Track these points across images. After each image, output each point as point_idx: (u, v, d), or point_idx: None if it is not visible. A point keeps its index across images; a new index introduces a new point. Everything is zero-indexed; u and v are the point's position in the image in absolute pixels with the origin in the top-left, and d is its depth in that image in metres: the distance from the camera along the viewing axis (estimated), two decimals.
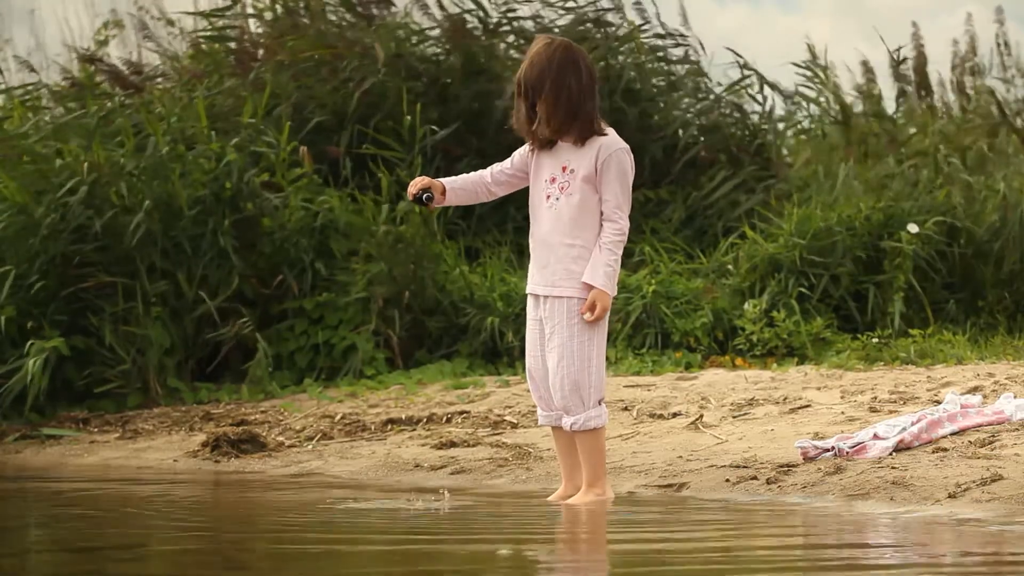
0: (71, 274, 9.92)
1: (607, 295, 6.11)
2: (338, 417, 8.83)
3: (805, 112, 12.68)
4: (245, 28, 12.29)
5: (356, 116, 11.44)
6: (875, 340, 9.95)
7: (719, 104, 12.32)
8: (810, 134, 12.75)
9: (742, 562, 4.75)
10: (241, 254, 10.24)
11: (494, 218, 11.46)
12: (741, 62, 12.29)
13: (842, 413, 7.53)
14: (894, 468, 6.17)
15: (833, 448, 6.54)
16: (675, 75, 12.35)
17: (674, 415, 7.98)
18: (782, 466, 6.50)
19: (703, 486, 6.49)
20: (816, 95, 12.58)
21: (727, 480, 6.47)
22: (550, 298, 6.18)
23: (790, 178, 11.94)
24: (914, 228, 10.51)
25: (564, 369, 6.13)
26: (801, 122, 12.83)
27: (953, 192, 11.18)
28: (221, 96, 11.36)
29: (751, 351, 10.09)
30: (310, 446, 8.34)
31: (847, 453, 6.48)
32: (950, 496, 5.74)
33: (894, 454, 6.43)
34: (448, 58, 11.96)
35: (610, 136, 6.18)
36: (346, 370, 10.08)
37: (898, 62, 12.87)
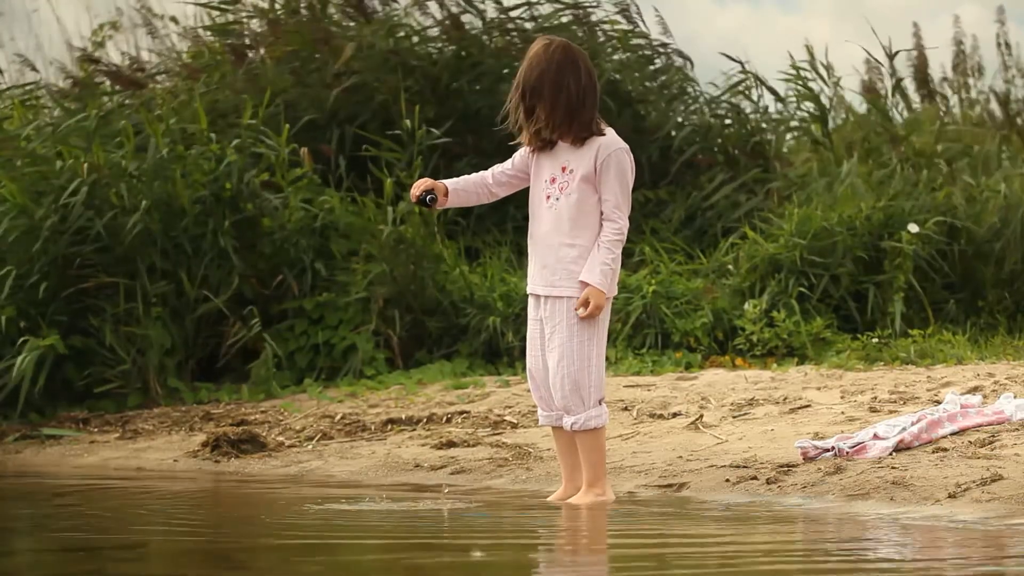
0: (71, 275, 9.92)
1: (601, 293, 6.10)
2: (338, 417, 8.83)
3: (804, 112, 12.67)
4: (246, 26, 12.29)
5: (351, 115, 11.43)
6: (875, 340, 9.95)
7: (712, 107, 12.32)
8: (809, 133, 12.74)
9: (742, 562, 4.75)
10: (241, 254, 10.24)
11: (494, 218, 11.45)
12: (743, 62, 12.31)
13: (842, 413, 7.52)
14: (894, 468, 6.17)
15: (833, 448, 6.54)
16: (661, 79, 12.34)
17: (674, 415, 7.98)
18: (782, 466, 6.50)
19: (703, 486, 6.49)
20: (815, 94, 12.57)
21: (727, 480, 6.47)
22: (550, 298, 6.18)
23: (790, 176, 11.93)
24: (914, 228, 10.51)
25: (564, 368, 6.13)
26: (799, 123, 12.82)
27: (953, 192, 11.18)
28: (221, 91, 11.35)
29: (751, 351, 10.09)
30: (310, 446, 8.34)
31: (847, 453, 6.48)
32: (950, 496, 5.74)
33: (894, 454, 6.43)
34: (444, 52, 11.96)
35: (609, 136, 6.18)
36: (346, 370, 10.08)
37: (891, 56, 12.86)
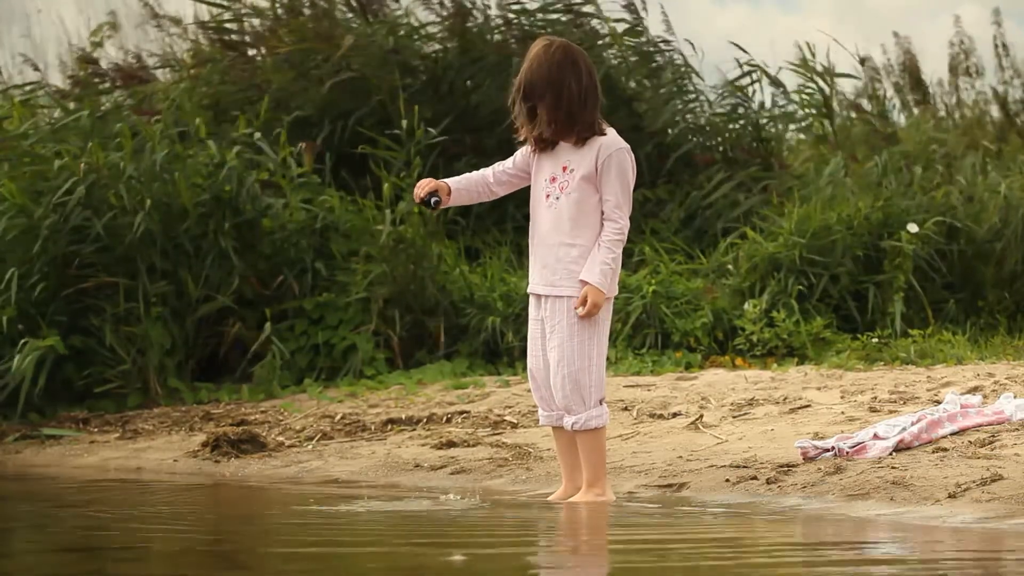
0: (71, 274, 9.92)
1: (600, 291, 6.09)
2: (338, 417, 8.82)
3: (804, 111, 12.67)
4: (247, 23, 12.29)
5: (347, 112, 11.43)
6: (875, 340, 9.95)
7: (712, 104, 12.31)
8: (810, 131, 12.74)
9: (741, 562, 4.75)
10: (241, 255, 10.24)
11: (494, 217, 11.45)
12: (744, 59, 12.29)
13: (842, 413, 7.52)
14: (894, 468, 6.16)
15: (833, 448, 6.53)
16: (660, 76, 12.33)
17: (674, 415, 7.98)
18: (782, 466, 6.49)
19: (703, 486, 6.49)
20: (813, 94, 12.57)
21: (727, 480, 6.47)
22: (551, 298, 6.18)
23: (790, 175, 11.92)
24: (914, 228, 10.51)
25: (564, 368, 6.13)
26: (800, 121, 12.82)
27: (953, 192, 11.18)
28: (223, 87, 11.36)
29: (751, 351, 10.09)
30: (310, 446, 8.34)
31: (847, 453, 6.48)
32: (950, 496, 5.74)
33: (894, 454, 6.42)
34: (446, 54, 11.95)
35: (610, 136, 6.18)
36: (346, 370, 10.08)
37: (868, 52, 12.89)
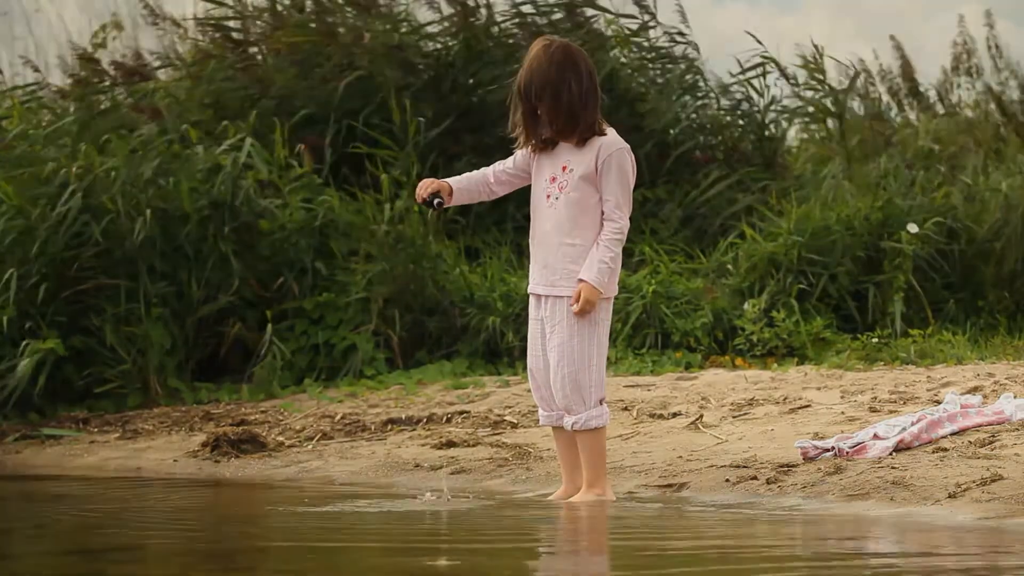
0: (70, 276, 9.91)
1: (595, 289, 6.08)
2: (338, 417, 8.82)
3: (812, 109, 12.67)
4: (249, 21, 12.29)
5: (350, 110, 11.43)
6: (875, 340, 9.95)
7: (720, 98, 12.30)
8: (810, 132, 12.74)
9: (741, 562, 4.74)
10: (241, 256, 10.23)
11: (494, 217, 11.45)
12: (754, 52, 12.23)
13: (842, 413, 7.52)
14: (894, 468, 6.16)
15: (833, 448, 6.53)
16: (669, 72, 12.30)
17: (674, 415, 7.98)
18: (782, 466, 6.49)
19: (703, 486, 6.49)
20: (813, 94, 12.57)
21: (727, 480, 6.47)
22: (551, 298, 6.17)
23: (790, 174, 11.92)
24: (914, 228, 10.51)
25: (564, 368, 6.13)
26: (806, 118, 12.81)
27: (953, 192, 11.18)
28: (224, 86, 11.36)
29: (751, 351, 10.09)
30: (310, 446, 8.34)
31: (847, 453, 6.48)
32: (950, 496, 5.74)
33: (894, 454, 6.42)
34: (449, 53, 11.95)
35: (610, 136, 6.18)
36: (346, 370, 10.08)
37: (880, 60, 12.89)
